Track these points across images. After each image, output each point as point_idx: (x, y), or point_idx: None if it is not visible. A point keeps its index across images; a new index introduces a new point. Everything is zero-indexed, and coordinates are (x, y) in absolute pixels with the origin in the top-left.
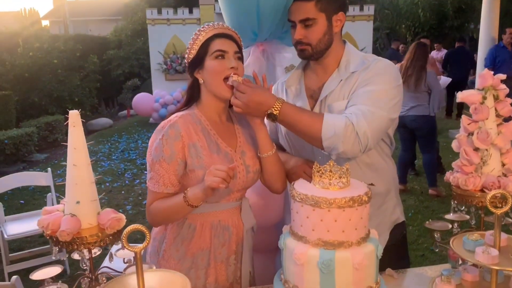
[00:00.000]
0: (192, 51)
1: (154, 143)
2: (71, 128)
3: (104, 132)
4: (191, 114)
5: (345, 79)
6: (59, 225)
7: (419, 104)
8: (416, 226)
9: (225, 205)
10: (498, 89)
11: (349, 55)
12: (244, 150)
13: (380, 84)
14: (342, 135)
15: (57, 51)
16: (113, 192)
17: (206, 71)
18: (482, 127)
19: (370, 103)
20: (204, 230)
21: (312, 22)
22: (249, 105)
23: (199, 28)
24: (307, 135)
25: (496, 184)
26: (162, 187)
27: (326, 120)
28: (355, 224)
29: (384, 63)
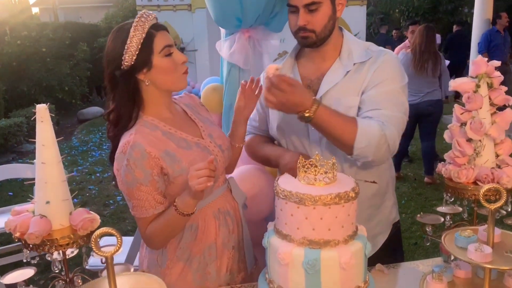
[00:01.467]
0: (132, 52)
1: (121, 171)
2: (39, 124)
3: (95, 121)
4: (143, 124)
5: (353, 71)
6: (28, 227)
7: (434, 89)
8: (409, 214)
9: (217, 192)
10: (492, 76)
11: (349, 44)
12: (210, 132)
13: (396, 83)
14: (375, 146)
15: (45, 39)
16: (104, 183)
17: (156, 71)
18: (476, 116)
19: (393, 106)
20: (207, 224)
21: (317, 6)
22: (285, 104)
23: (122, 24)
24: (338, 140)
25: (489, 177)
26: (150, 210)
27: (361, 128)
28: (342, 222)
29: (392, 58)
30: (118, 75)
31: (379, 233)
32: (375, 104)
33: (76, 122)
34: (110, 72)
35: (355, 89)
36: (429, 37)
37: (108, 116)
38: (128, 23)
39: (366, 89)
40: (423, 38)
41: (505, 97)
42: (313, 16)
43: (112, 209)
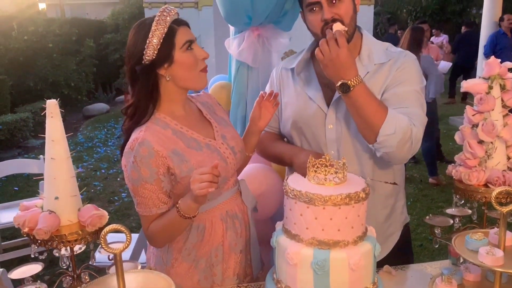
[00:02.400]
0: (154, 47)
1: (128, 167)
2: (49, 119)
3: (101, 118)
4: (154, 122)
5: (373, 72)
6: (37, 223)
7: None
8: (415, 215)
9: (227, 194)
10: (505, 78)
11: (369, 44)
12: (223, 133)
13: (417, 83)
14: (400, 137)
15: (52, 35)
16: (109, 179)
17: (177, 66)
18: (488, 118)
19: (418, 105)
20: (214, 227)
21: None
22: (333, 60)
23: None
24: (366, 122)
25: (501, 179)
26: (153, 208)
27: (390, 116)
28: (352, 222)
29: (413, 59)
30: (139, 70)
31: (392, 233)
32: (401, 102)
33: (81, 118)
34: (131, 67)
35: (376, 89)
36: (410, 37)
37: (126, 110)
38: (149, 18)
39: (388, 87)
40: (404, 39)
41: None
42: (338, 8)
43: (117, 206)
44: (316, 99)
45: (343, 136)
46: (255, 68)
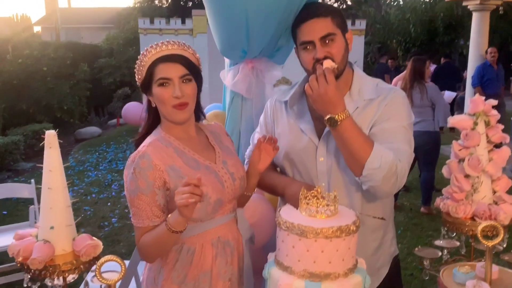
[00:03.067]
0: (139, 75)
1: (128, 178)
2: (47, 150)
3: (93, 141)
4: (158, 138)
5: (362, 107)
6: (31, 252)
7: (424, 120)
8: (405, 244)
9: (220, 220)
10: (489, 115)
11: (360, 80)
12: (225, 159)
13: (405, 119)
14: (385, 172)
15: (47, 59)
16: (99, 204)
17: (155, 98)
18: (473, 153)
19: (405, 141)
20: (204, 251)
21: (333, 37)
22: (322, 96)
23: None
24: (352, 155)
25: (487, 213)
26: (146, 220)
27: (376, 150)
28: (343, 255)
29: (401, 95)
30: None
31: (381, 266)
32: (388, 138)
33: (73, 142)
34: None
35: (364, 124)
36: (413, 67)
37: (143, 128)
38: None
39: (376, 122)
40: (408, 69)
41: (502, 135)
42: (330, 47)
43: (106, 231)
44: (308, 132)
45: (333, 169)
46: (249, 98)
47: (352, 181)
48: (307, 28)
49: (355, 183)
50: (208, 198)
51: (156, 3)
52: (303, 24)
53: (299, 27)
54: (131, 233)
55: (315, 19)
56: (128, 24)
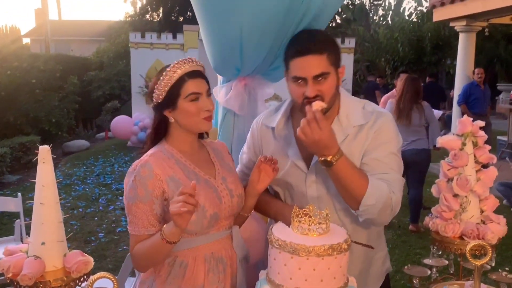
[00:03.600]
0: (161, 91)
1: (128, 185)
2: (41, 165)
3: (80, 155)
4: (161, 150)
5: (352, 135)
6: (21, 268)
7: (419, 138)
8: (394, 262)
9: (215, 235)
10: (477, 135)
11: (347, 103)
12: (224, 175)
13: (395, 145)
14: (381, 207)
15: (36, 71)
16: (86, 218)
17: (180, 112)
18: (462, 173)
19: (396, 169)
20: (197, 266)
21: (326, 75)
22: (317, 142)
23: (167, 65)
24: (348, 192)
25: (475, 232)
26: (142, 229)
27: (371, 187)
28: (334, 273)
29: (390, 119)
30: (152, 107)
31: (372, 284)
32: (381, 168)
33: (60, 154)
34: (154, 101)
35: (356, 152)
36: (413, 88)
37: (146, 141)
38: (170, 64)
39: (367, 152)
40: (408, 88)
41: (489, 156)
42: (321, 85)
43: (93, 246)
44: (296, 160)
45: (323, 195)
46: (241, 115)
47: (343, 206)
48: (301, 63)
49: (345, 209)
50: (205, 211)
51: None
52: (297, 58)
53: (293, 59)
54: (118, 248)
55: (310, 55)
56: (118, 37)
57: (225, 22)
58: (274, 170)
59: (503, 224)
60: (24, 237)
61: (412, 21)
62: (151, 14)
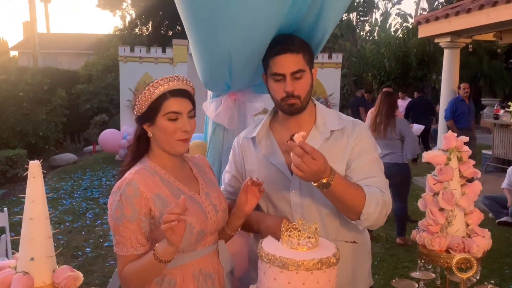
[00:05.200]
0: (142, 105)
1: (113, 205)
2: (31, 180)
3: (68, 168)
4: (144, 167)
5: (329, 138)
6: (9, 284)
7: (393, 152)
8: (382, 275)
9: (202, 251)
10: (461, 151)
11: (323, 112)
12: (208, 191)
13: (375, 151)
14: (379, 212)
15: (24, 84)
16: (73, 233)
17: (157, 128)
18: (447, 187)
19: (381, 173)
20: (186, 284)
21: (302, 74)
22: (315, 172)
23: (152, 81)
24: (347, 207)
25: (461, 245)
26: (131, 249)
27: (368, 196)
28: (323, 287)
29: (366, 128)
30: (135, 118)
31: None
32: (368, 172)
33: (47, 168)
34: (135, 113)
35: (338, 156)
36: (388, 102)
37: (126, 155)
38: (156, 80)
39: (352, 159)
40: (378, 103)
41: (473, 170)
42: (298, 83)
43: (80, 261)
44: (280, 166)
45: (307, 200)
46: (231, 129)
47: (326, 211)
48: (280, 61)
49: (329, 214)
50: (192, 228)
51: (136, 31)
52: (276, 57)
53: (273, 58)
54: (105, 263)
55: (288, 54)
56: (107, 51)
57: (213, 47)
58: (260, 191)
59: (488, 237)
60: (10, 252)
61: (398, 36)
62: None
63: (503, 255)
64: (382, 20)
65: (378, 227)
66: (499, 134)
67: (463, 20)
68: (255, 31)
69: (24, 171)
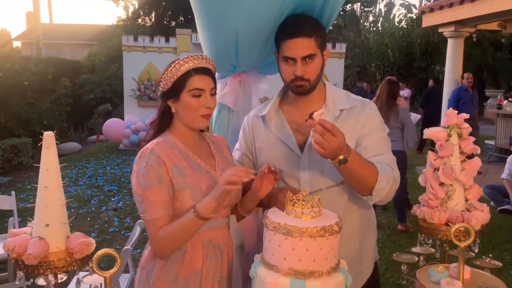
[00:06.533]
0: (167, 81)
1: (139, 173)
2: (45, 150)
3: (72, 157)
4: (165, 140)
5: (338, 117)
6: (26, 248)
7: (394, 140)
8: (383, 260)
9: (214, 223)
10: (462, 127)
11: (332, 92)
12: (223, 167)
13: (384, 129)
14: (389, 187)
15: (28, 73)
16: (78, 219)
17: (181, 104)
18: (447, 163)
19: (389, 150)
20: (196, 251)
21: (313, 57)
22: (335, 148)
23: (177, 58)
24: (362, 184)
25: (460, 219)
26: (161, 210)
27: (380, 173)
28: (326, 254)
29: (375, 107)
30: (159, 94)
31: (364, 270)
32: (378, 149)
33: None
34: (161, 89)
35: (348, 134)
36: (388, 90)
37: (150, 125)
38: (179, 58)
39: (362, 137)
40: (384, 90)
41: (473, 147)
42: (308, 67)
43: None
44: (290, 144)
45: (316, 178)
46: (236, 110)
47: (335, 188)
48: (291, 45)
49: (338, 190)
50: None
51: (139, 22)
52: (288, 40)
53: (284, 42)
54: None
55: (300, 38)
56: (111, 41)
57: (220, 25)
58: (275, 179)
59: (486, 211)
60: None
61: (402, 27)
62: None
63: (504, 242)
64: (386, 11)
65: (386, 203)
66: (502, 124)
67: (467, 9)
68: (261, 9)
69: (29, 159)
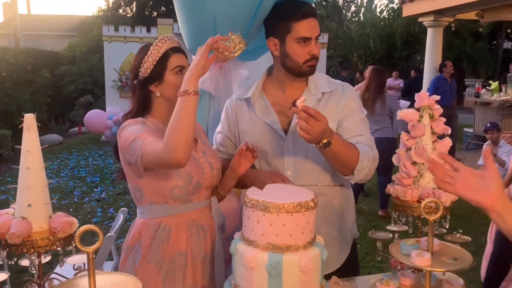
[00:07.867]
0: (147, 67)
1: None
2: (26, 132)
3: (54, 149)
4: (146, 122)
5: (320, 99)
6: (9, 228)
7: (383, 127)
8: (364, 245)
9: (196, 204)
10: (433, 108)
11: (313, 77)
12: (204, 150)
13: (363, 111)
14: (369, 166)
15: (6, 64)
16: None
17: (166, 85)
18: (419, 142)
19: (368, 131)
20: (180, 231)
21: (319, 37)
22: (320, 133)
23: (144, 44)
24: (344, 165)
25: (431, 195)
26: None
27: (361, 153)
28: (302, 229)
29: (353, 90)
30: (136, 83)
31: (345, 246)
32: (357, 131)
33: None
34: (131, 80)
35: (329, 116)
36: (377, 79)
37: (125, 117)
38: (151, 43)
39: (342, 118)
40: (373, 78)
41: (444, 127)
42: (318, 46)
43: None
44: (274, 126)
45: (300, 159)
46: (217, 96)
47: (319, 168)
48: (308, 25)
49: (321, 170)
50: (191, 178)
51: (120, 12)
52: (303, 21)
53: (298, 22)
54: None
55: (313, 18)
56: (91, 32)
57: (198, 10)
58: (254, 157)
59: None
60: None
61: (384, 17)
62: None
63: (480, 225)
64: (368, 1)
65: (365, 181)
66: (480, 112)
67: None
68: None
69: (9, 151)
